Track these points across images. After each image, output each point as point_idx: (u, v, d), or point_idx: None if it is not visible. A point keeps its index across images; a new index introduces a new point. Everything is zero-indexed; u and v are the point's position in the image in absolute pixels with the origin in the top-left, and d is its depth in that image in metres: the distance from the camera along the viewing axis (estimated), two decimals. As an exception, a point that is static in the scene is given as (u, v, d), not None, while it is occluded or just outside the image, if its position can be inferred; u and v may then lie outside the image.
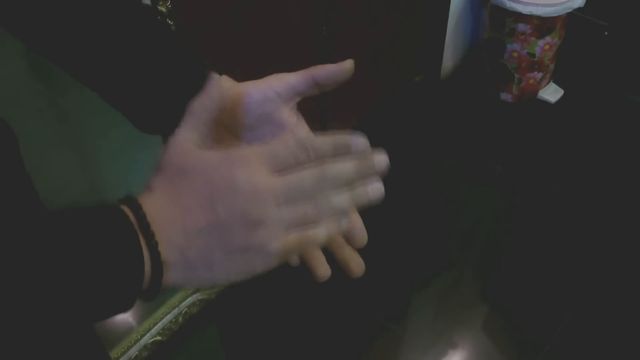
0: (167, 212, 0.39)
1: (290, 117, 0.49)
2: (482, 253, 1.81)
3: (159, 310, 1.44)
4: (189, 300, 1.48)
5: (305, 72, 0.48)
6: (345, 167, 0.42)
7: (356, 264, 0.46)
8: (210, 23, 1.29)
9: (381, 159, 0.43)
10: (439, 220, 1.87)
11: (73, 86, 0.50)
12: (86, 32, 0.48)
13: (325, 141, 0.42)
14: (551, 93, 2.23)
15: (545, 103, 2.22)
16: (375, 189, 0.43)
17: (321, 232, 0.41)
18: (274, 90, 0.48)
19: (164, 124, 0.50)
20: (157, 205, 0.39)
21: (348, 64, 0.48)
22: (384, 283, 1.68)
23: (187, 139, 0.42)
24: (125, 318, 1.44)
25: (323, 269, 0.45)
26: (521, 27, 2.01)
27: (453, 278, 1.72)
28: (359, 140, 0.42)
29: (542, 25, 2.00)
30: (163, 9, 1.07)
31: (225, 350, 1.58)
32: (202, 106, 0.44)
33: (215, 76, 0.47)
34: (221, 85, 0.47)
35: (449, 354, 1.54)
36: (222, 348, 1.59)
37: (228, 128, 0.49)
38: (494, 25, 2.09)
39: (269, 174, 0.39)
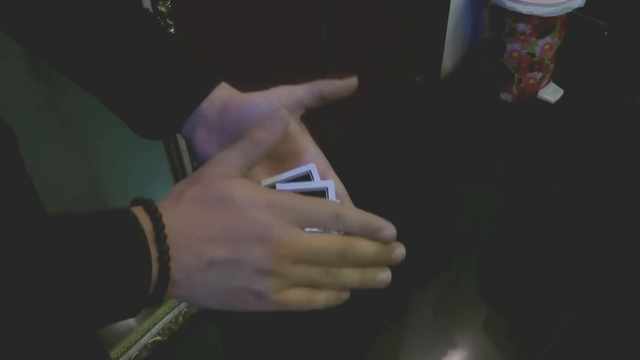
0: (188, 232, 0.39)
1: (295, 128, 0.49)
2: (482, 253, 1.81)
3: (159, 310, 1.44)
4: (189, 300, 1.48)
5: (312, 86, 0.48)
6: (367, 250, 0.42)
7: None
8: (210, 23, 1.29)
9: (400, 253, 0.44)
10: (439, 220, 1.87)
11: (73, 86, 0.50)
12: (86, 37, 0.48)
13: (359, 218, 0.42)
14: (551, 93, 2.23)
15: (545, 103, 2.22)
16: (383, 278, 0.44)
17: (321, 299, 0.42)
18: (280, 101, 0.48)
19: (163, 130, 0.50)
20: (180, 222, 0.39)
21: (353, 81, 0.48)
22: (384, 283, 1.68)
23: (235, 165, 0.42)
24: (125, 318, 1.44)
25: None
26: (521, 27, 2.01)
27: (453, 278, 1.72)
28: (389, 230, 0.43)
29: (542, 25, 2.00)
30: (163, 9, 1.07)
31: (225, 350, 1.58)
32: (265, 140, 0.44)
33: (282, 115, 0.46)
34: (290, 125, 0.46)
35: (449, 354, 1.54)
36: (222, 348, 1.59)
37: (230, 136, 0.48)
38: (494, 25, 2.09)
39: (298, 232, 0.40)
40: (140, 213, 0.38)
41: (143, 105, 0.49)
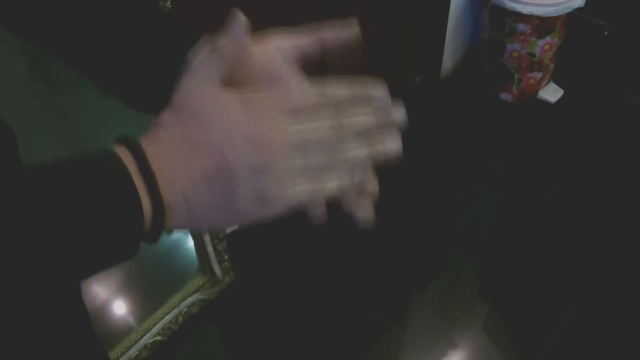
0: (173, 154, 0.37)
1: (292, 74, 0.46)
2: (482, 253, 1.81)
3: (159, 310, 1.44)
4: (189, 300, 1.48)
5: (311, 32, 0.46)
6: (363, 118, 0.40)
7: (366, 214, 0.45)
8: (210, 23, 1.29)
9: (399, 112, 0.42)
10: (439, 220, 1.87)
11: (73, 86, 0.50)
12: (75, 13, 0.47)
13: (343, 89, 0.40)
14: (551, 93, 2.23)
15: (545, 103, 2.22)
16: (393, 145, 0.42)
17: (332, 185, 0.40)
18: (275, 45, 0.46)
19: (159, 101, 0.50)
20: (163, 147, 0.38)
21: (354, 25, 0.46)
22: (384, 283, 1.68)
23: (204, 77, 0.40)
24: (125, 318, 1.44)
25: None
26: (521, 27, 2.01)
27: (453, 278, 1.72)
28: (379, 90, 0.41)
29: (542, 25, 2.00)
30: (163, 9, 1.07)
31: (225, 350, 1.58)
32: (229, 44, 0.41)
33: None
34: (248, 38, 0.44)
35: (449, 354, 1.54)
36: (222, 348, 1.59)
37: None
38: (494, 25, 2.09)
39: (284, 122, 0.38)
40: (120, 149, 0.37)
41: (136, 77, 0.48)
